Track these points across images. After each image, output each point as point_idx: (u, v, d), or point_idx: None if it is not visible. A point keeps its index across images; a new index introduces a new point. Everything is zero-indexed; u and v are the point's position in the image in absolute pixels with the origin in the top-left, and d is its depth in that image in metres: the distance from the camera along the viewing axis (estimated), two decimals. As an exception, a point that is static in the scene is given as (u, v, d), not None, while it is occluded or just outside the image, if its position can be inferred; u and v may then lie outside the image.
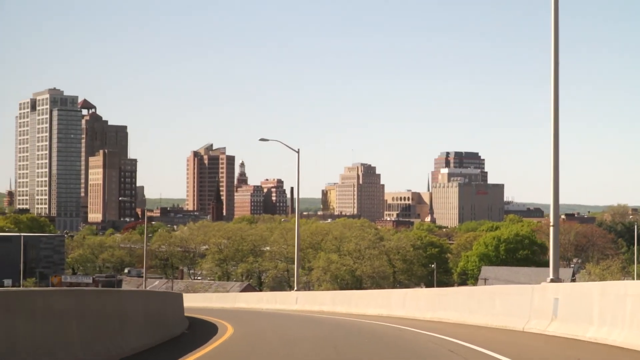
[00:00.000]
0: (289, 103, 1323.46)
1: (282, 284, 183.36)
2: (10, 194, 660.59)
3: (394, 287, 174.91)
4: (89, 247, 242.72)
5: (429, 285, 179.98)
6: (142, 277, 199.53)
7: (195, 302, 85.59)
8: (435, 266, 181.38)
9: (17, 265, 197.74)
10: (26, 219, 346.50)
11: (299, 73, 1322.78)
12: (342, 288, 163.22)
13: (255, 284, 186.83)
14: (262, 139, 68.11)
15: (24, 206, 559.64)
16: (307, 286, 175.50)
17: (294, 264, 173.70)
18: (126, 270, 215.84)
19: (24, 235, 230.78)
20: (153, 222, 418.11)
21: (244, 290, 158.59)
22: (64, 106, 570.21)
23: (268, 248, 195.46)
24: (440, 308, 43.86)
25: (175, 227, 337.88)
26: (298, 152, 63.86)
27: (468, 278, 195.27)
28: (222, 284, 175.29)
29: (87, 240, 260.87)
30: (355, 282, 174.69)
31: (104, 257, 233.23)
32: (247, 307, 73.07)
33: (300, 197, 65.95)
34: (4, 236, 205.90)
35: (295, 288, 67.18)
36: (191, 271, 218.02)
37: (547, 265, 47.55)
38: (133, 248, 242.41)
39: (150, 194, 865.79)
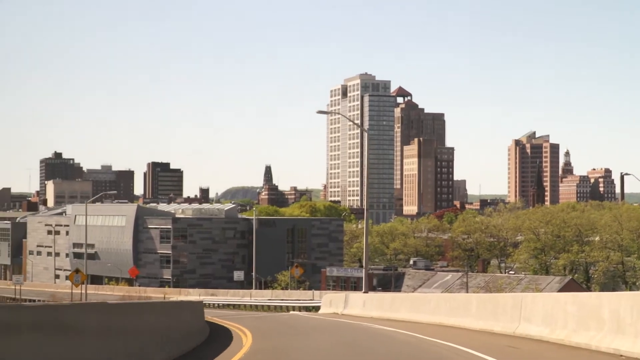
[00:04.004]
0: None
1: (616, 279, 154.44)
2: (326, 187, 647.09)
3: None
4: (377, 234, 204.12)
5: None
6: (432, 269, 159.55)
7: (428, 314, 42.77)
8: None
9: (279, 254, 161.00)
10: (323, 207, 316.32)
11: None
12: None
13: (582, 279, 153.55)
14: None
15: (336, 198, 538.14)
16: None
17: (633, 254, 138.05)
18: (411, 262, 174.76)
19: (291, 219, 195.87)
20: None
21: (565, 287, 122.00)
22: (376, 91, 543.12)
23: (597, 238, 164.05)
24: None
25: (479, 212, 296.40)
26: None
27: None
28: (535, 279, 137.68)
29: (375, 227, 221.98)
30: None
31: (394, 246, 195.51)
32: (545, 338, 29.67)
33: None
34: (265, 219, 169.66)
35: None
36: (502, 264, 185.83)
37: None
38: (431, 237, 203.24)
39: (469, 189, 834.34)
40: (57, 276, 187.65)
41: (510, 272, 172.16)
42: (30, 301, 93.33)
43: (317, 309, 72.81)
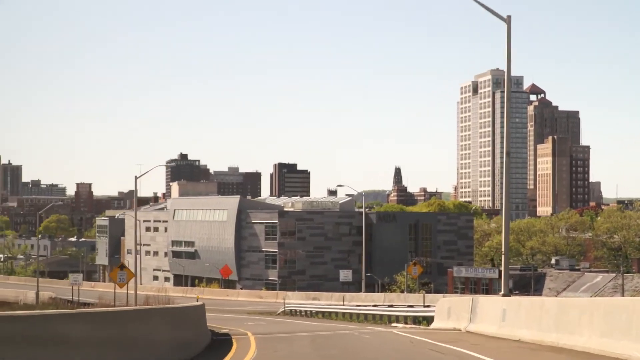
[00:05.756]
0: None
1: None
2: (456, 188, 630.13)
3: None
4: (512, 232, 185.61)
5: None
6: (577, 270, 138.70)
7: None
8: None
9: (399, 252, 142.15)
10: (452, 205, 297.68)
11: None
12: None
13: None
14: None
15: (467, 199, 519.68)
16: None
17: None
18: (553, 261, 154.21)
19: (414, 213, 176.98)
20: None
21: None
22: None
23: None
24: None
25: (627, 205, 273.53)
26: None
27: None
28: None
29: (510, 223, 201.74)
30: None
31: (531, 244, 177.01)
32: None
33: None
34: (384, 213, 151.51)
35: None
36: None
37: None
38: (571, 236, 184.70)
39: (604, 191, 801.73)
40: (155, 277, 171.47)
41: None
42: (87, 305, 77.63)
43: (429, 320, 50.24)
